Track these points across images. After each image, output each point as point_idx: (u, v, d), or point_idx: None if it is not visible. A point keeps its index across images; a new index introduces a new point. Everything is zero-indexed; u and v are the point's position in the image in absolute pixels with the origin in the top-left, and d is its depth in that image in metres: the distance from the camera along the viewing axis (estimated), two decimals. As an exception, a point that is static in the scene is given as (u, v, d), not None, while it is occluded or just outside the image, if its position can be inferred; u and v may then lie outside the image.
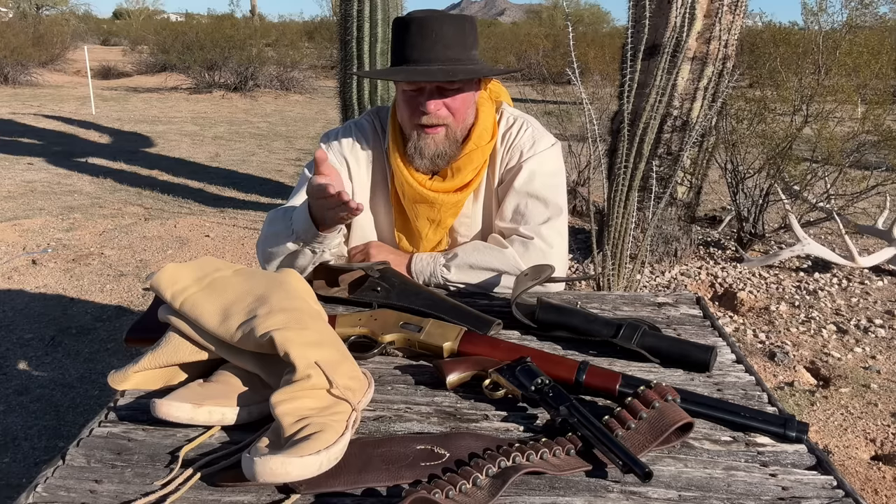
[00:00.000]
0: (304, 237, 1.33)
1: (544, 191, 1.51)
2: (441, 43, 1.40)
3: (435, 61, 1.40)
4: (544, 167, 1.53)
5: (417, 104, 1.42)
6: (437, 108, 1.41)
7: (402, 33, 1.43)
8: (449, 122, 1.44)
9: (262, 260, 1.44)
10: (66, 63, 16.91)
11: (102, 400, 2.73)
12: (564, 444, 0.84)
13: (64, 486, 0.78)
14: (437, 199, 1.49)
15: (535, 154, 1.52)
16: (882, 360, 3.15)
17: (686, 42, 3.49)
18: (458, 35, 1.42)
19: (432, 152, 1.45)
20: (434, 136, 1.43)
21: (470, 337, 1.09)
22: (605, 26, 29.69)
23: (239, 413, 0.89)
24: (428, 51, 1.40)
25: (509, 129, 1.55)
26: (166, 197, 5.93)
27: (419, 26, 1.40)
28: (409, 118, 1.45)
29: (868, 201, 4.75)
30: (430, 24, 1.40)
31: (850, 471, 2.32)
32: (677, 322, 1.28)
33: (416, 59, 1.40)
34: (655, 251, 4.26)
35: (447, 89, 1.41)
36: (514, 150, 1.53)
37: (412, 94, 1.43)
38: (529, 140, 1.53)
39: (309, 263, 1.38)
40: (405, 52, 1.42)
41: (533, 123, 1.57)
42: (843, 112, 4.98)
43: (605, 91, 6.81)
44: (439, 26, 1.40)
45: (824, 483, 0.81)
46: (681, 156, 3.87)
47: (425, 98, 1.41)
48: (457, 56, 1.41)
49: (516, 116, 1.57)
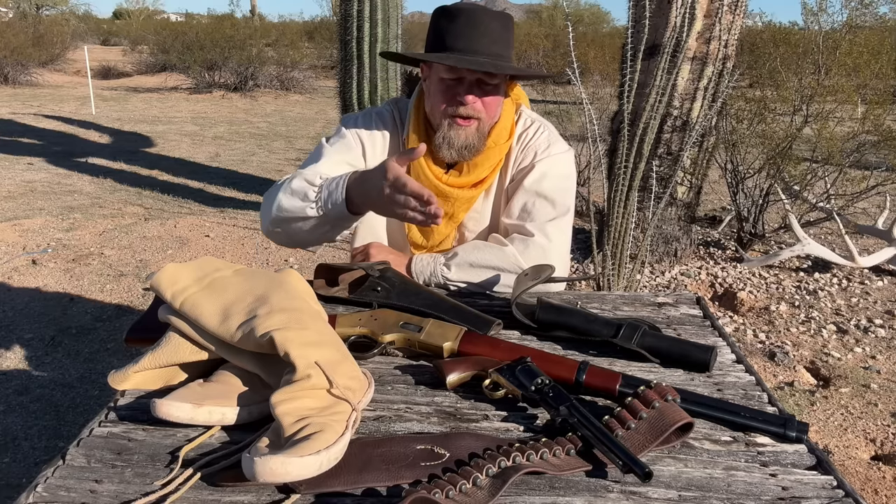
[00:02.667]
0: (330, 211, 1.30)
1: (554, 192, 1.52)
2: (488, 37, 1.41)
3: (480, 54, 1.40)
4: (556, 169, 1.54)
5: (455, 94, 1.42)
6: (474, 101, 1.42)
7: (448, 22, 1.43)
8: (482, 116, 1.45)
9: (272, 214, 1.38)
10: (66, 63, 16.91)
11: (102, 400, 2.73)
12: (564, 444, 0.84)
13: (64, 486, 0.78)
14: (452, 193, 1.50)
15: (549, 156, 1.54)
16: (882, 360, 3.15)
17: (686, 42, 3.49)
18: (503, 32, 1.44)
19: (461, 143, 1.45)
20: (466, 128, 1.44)
21: (470, 337, 1.09)
22: (605, 26, 29.68)
23: (239, 413, 0.89)
24: (476, 42, 1.40)
25: (526, 129, 1.57)
26: (166, 197, 5.93)
27: (468, 17, 1.41)
28: (444, 107, 1.44)
29: (868, 201, 4.75)
30: (479, 17, 1.41)
31: (850, 471, 2.32)
32: (677, 322, 1.28)
33: (462, 48, 1.40)
34: (655, 251, 4.26)
35: (486, 84, 1.42)
36: (529, 150, 1.55)
37: (451, 83, 1.43)
38: (545, 142, 1.55)
39: (319, 236, 1.37)
40: (449, 40, 1.42)
41: (550, 127, 1.60)
42: (843, 112, 4.98)
43: (605, 91, 6.81)
44: (488, 20, 1.41)
45: (824, 483, 0.81)
46: (681, 156, 3.87)
47: (464, 89, 1.41)
48: (500, 52, 1.43)
49: (534, 119, 1.60)
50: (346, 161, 1.49)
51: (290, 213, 1.35)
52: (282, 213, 1.37)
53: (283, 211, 1.36)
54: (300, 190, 1.35)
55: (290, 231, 1.40)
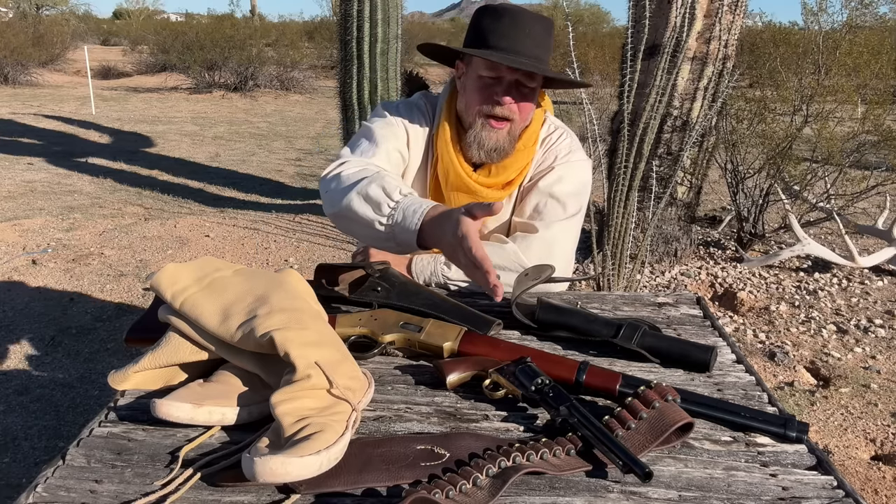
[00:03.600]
0: (399, 236, 1.23)
1: (567, 196, 1.53)
2: (532, 39, 1.41)
3: (522, 55, 1.40)
4: (573, 175, 1.55)
5: (492, 93, 1.42)
6: (511, 103, 1.42)
7: (492, 21, 1.43)
8: (515, 118, 1.45)
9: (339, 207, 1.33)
10: (66, 63, 16.91)
11: (102, 400, 2.73)
12: (564, 444, 0.84)
13: (64, 486, 0.78)
14: (480, 191, 1.50)
15: (569, 162, 1.55)
16: (882, 360, 3.15)
17: (686, 42, 3.49)
18: (545, 36, 1.44)
19: (492, 145, 1.45)
20: (499, 130, 1.44)
21: (470, 337, 1.09)
22: (605, 26, 29.65)
23: (239, 413, 0.89)
24: (519, 42, 1.40)
25: (549, 135, 1.58)
26: (166, 197, 5.94)
27: (513, 18, 1.41)
28: (479, 106, 1.44)
29: (868, 201, 4.75)
30: (524, 18, 1.42)
31: (850, 471, 2.32)
32: (677, 322, 1.28)
33: (505, 48, 1.40)
34: (655, 251, 4.26)
35: (524, 86, 1.42)
36: (550, 153, 1.56)
37: (490, 81, 1.43)
38: (566, 148, 1.57)
39: (376, 242, 1.33)
40: (492, 39, 1.41)
41: (572, 135, 1.61)
42: (843, 112, 4.98)
43: (605, 91, 6.82)
44: (532, 23, 1.42)
45: (824, 483, 0.81)
46: (681, 156, 3.87)
47: (502, 89, 1.41)
48: (541, 56, 1.43)
49: (558, 125, 1.61)
50: (397, 149, 1.50)
51: (359, 217, 1.30)
52: (350, 213, 1.31)
53: (352, 213, 1.30)
54: (376, 199, 1.27)
55: (351, 228, 1.37)
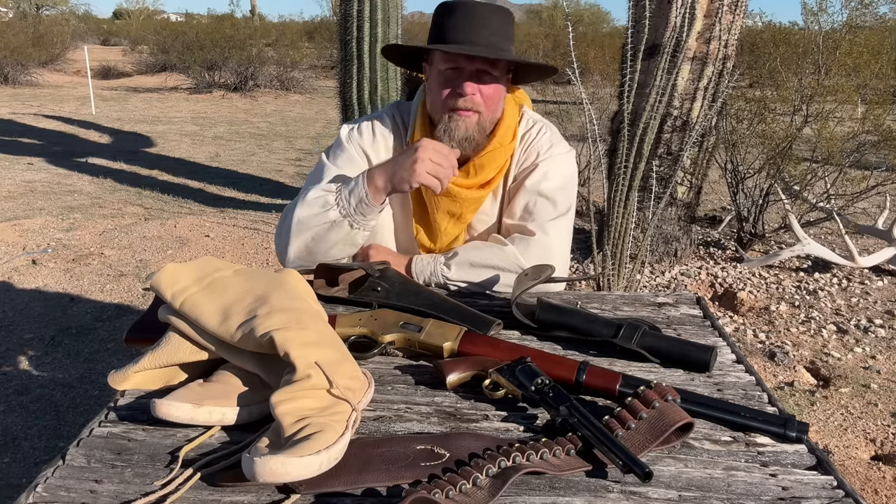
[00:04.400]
0: (352, 207, 1.36)
1: (555, 192, 1.52)
2: (487, 28, 1.42)
3: (479, 45, 1.41)
4: (558, 170, 1.54)
5: (454, 85, 1.43)
6: (474, 92, 1.42)
7: (446, 17, 1.44)
8: (482, 109, 1.45)
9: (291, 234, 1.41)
10: (66, 63, 16.91)
11: (102, 400, 2.73)
12: (564, 444, 0.84)
13: (64, 486, 0.78)
14: (459, 193, 1.50)
15: (551, 157, 1.54)
16: (882, 360, 3.15)
17: (686, 42, 3.49)
18: (502, 25, 1.45)
19: (461, 135, 1.45)
20: (466, 119, 1.44)
21: (470, 337, 1.09)
22: (605, 26, 29.65)
23: (239, 413, 0.89)
24: (474, 33, 1.41)
25: (528, 130, 1.57)
26: (166, 197, 5.94)
27: (466, 10, 1.42)
28: (444, 100, 1.45)
29: (868, 201, 4.75)
30: (477, 10, 1.42)
31: (850, 471, 2.32)
32: (677, 322, 1.28)
33: (462, 40, 1.41)
34: (655, 251, 4.26)
35: (486, 74, 1.43)
36: (531, 150, 1.55)
37: (451, 74, 1.43)
38: (547, 143, 1.56)
39: (342, 239, 1.39)
40: (449, 34, 1.42)
41: (552, 128, 1.60)
42: (843, 112, 4.98)
43: (605, 91, 6.81)
44: (487, 13, 1.42)
45: (824, 483, 0.81)
46: (681, 156, 3.87)
47: (463, 79, 1.42)
48: (500, 44, 1.43)
49: (536, 119, 1.60)
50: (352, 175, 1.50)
51: (311, 223, 1.39)
52: (302, 226, 1.39)
53: (303, 223, 1.39)
54: (318, 198, 1.39)
55: (311, 247, 1.41)
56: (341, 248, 1.42)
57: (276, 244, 1.48)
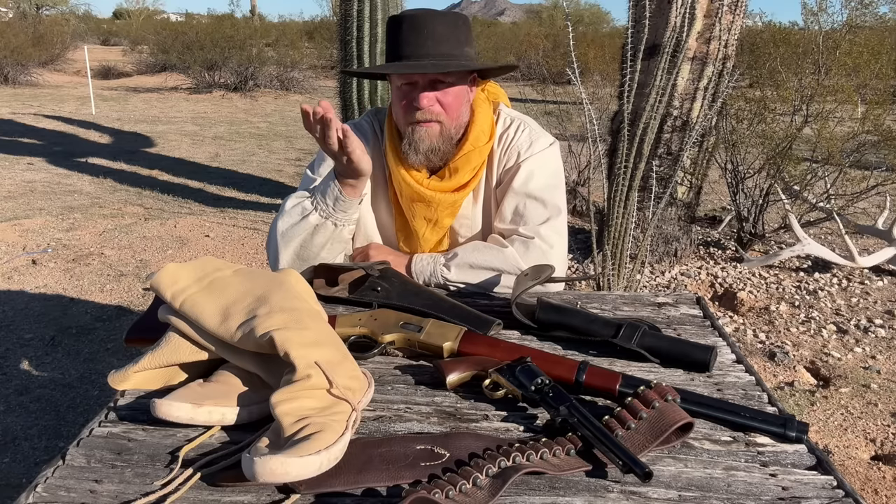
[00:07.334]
0: (329, 205, 1.39)
1: (542, 191, 1.51)
2: (432, 39, 1.42)
3: (426, 56, 1.41)
4: (542, 167, 1.53)
5: (411, 99, 1.43)
6: (430, 103, 1.42)
7: (395, 31, 1.45)
8: (442, 118, 1.44)
9: (278, 245, 1.43)
10: (66, 63, 16.90)
11: (102, 400, 2.73)
12: (564, 444, 0.84)
13: (64, 486, 0.78)
14: (433, 197, 1.49)
15: (533, 155, 1.53)
16: (882, 360, 3.15)
17: (686, 42, 3.49)
18: (449, 31, 1.44)
19: (426, 147, 1.45)
20: (428, 129, 1.44)
21: (470, 337, 1.09)
22: (605, 26, 29.67)
23: (239, 413, 0.89)
24: (420, 46, 1.42)
25: (506, 129, 1.55)
26: (166, 197, 5.93)
27: (410, 23, 1.43)
28: (404, 114, 1.45)
29: (868, 201, 4.75)
30: (421, 21, 1.42)
31: (850, 471, 2.32)
32: (677, 322, 1.28)
33: (409, 54, 1.42)
34: (655, 251, 4.26)
35: (440, 83, 1.42)
36: (512, 150, 1.54)
37: (406, 88, 1.44)
38: (527, 141, 1.54)
39: (329, 239, 1.41)
40: (398, 49, 1.44)
41: (530, 124, 1.58)
42: (843, 112, 4.98)
43: (605, 91, 6.80)
44: (431, 23, 1.42)
45: (824, 483, 0.81)
46: (681, 156, 3.87)
47: (418, 92, 1.42)
48: (449, 52, 1.43)
49: (513, 117, 1.58)
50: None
51: (294, 232, 1.41)
52: (286, 237, 1.42)
53: (287, 234, 1.42)
54: (296, 207, 1.43)
55: (301, 254, 1.43)
56: (331, 248, 1.43)
57: (268, 258, 1.50)
